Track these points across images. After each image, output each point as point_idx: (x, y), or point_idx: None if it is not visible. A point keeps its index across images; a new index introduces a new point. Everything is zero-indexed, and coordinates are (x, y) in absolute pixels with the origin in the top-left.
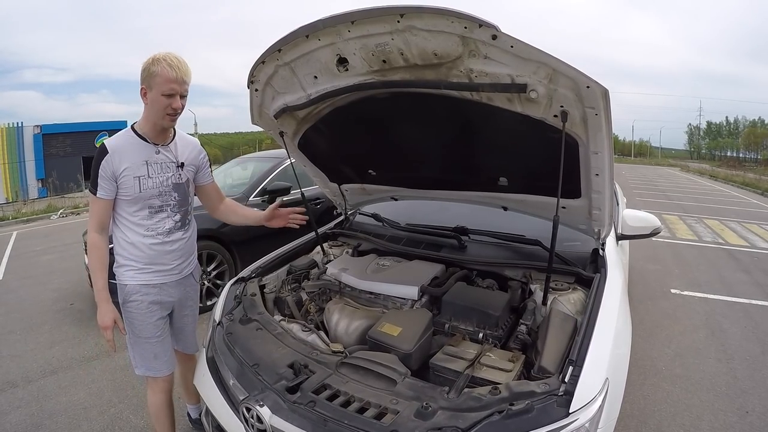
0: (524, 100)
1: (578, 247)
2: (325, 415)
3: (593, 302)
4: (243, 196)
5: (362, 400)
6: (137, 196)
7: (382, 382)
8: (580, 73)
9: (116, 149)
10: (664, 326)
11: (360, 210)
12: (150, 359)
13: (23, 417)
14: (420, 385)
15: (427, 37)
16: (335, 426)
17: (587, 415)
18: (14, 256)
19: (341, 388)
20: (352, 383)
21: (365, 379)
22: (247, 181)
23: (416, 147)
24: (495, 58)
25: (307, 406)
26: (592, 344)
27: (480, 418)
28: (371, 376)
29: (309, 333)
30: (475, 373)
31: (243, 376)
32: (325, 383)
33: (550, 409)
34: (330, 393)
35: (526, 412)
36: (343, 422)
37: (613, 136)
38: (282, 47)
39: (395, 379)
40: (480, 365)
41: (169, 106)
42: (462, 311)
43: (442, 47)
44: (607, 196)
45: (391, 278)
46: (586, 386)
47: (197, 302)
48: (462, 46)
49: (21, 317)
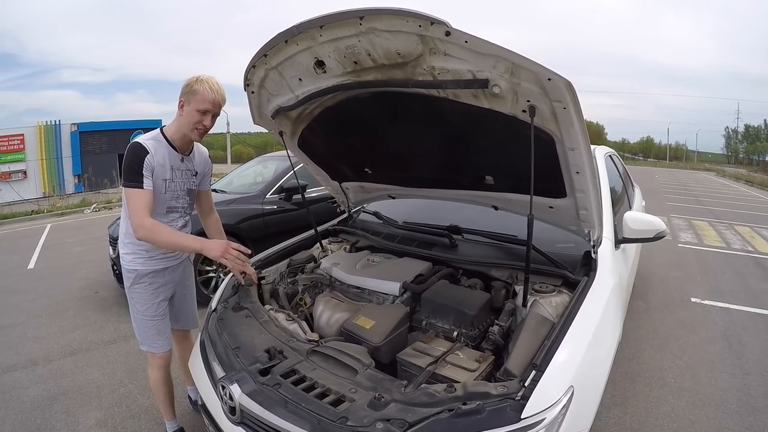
0: (489, 96)
1: (571, 250)
2: (286, 398)
3: (572, 306)
4: (260, 193)
5: (324, 386)
6: (161, 196)
7: (346, 371)
8: (539, 65)
9: (154, 151)
10: (678, 336)
11: (364, 208)
12: (153, 336)
13: (40, 392)
14: (380, 377)
15: (389, 38)
16: (294, 408)
17: (542, 422)
18: (46, 246)
19: (308, 374)
20: (320, 370)
21: (331, 367)
22: (265, 179)
23: (404, 146)
24: (454, 54)
25: (273, 387)
26: (560, 349)
27: (429, 414)
28: (337, 365)
29: (292, 322)
30: (438, 370)
31: (225, 357)
32: (294, 368)
33: (501, 412)
34: (297, 378)
35: (476, 412)
36: (301, 405)
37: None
38: (267, 52)
39: (357, 369)
40: (445, 363)
41: (200, 121)
42: (440, 309)
43: (404, 47)
44: (591, 195)
45: (376, 274)
46: (545, 392)
47: (194, 281)
48: (421, 44)
49: (48, 303)
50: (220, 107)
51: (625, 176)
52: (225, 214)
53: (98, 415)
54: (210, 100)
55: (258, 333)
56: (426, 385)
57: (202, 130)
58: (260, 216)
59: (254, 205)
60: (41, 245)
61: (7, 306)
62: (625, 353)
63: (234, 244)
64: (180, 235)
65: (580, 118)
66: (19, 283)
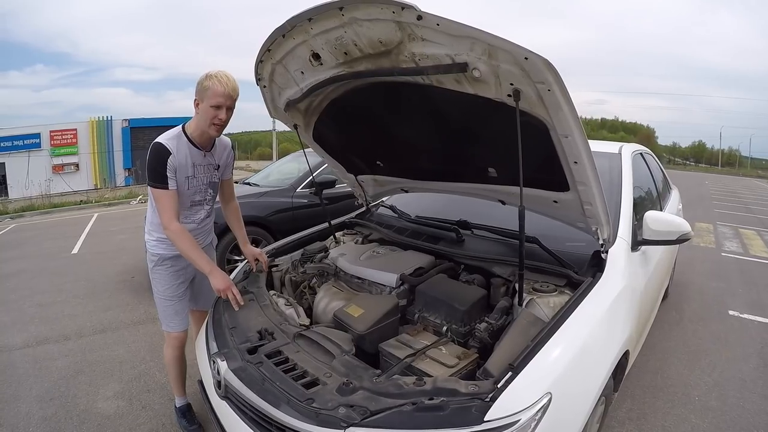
0: (471, 80)
1: (581, 249)
2: (265, 375)
3: (566, 307)
4: (291, 187)
5: (302, 368)
6: (184, 192)
7: (327, 356)
8: (515, 44)
9: (176, 151)
10: (710, 351)
11: (383, 203)
12: (171, 316)
13: (68, 363)
14: (355, 364)
15: (370, 27)
16: (269, 386)
17: (510, 427)
18: (91, 233)
19: (291, 356)
20: (303, 353)
21: (314, 351)
22: (297, 173)
23: (409, 137)
24: (430, 39)
25: (255, 365)
26: (542, 351)
27: (392, 405)
28: (320, 349)
29: (289, 307)
30: (416, 362)
31: (222, 335)
32: (279, 349)
33: (465, 411)
34: (280, 359)
35: (438, 408)
36: (275, 383)
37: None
38: (270, 47)
39: (335, 354)
40: (424, 356)
41: (216, 116)
42: (432, 302)
43: (384, 34)
44: (594, 188)
45: (377, 265)
46: (517, 395)
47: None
48: (399, 31)
49: (86, 285)
50: (233, 99)
51: (660, 176)
52: (256, 207)
53: (117, 388)
54: (221, 94)
55: (255, 315)
56: (398, 376)
57: (219, 125)
58: (290, 209)
59: (284, 198)
60: (87, 232)
61: (50, 286)
62: (649, 366)
63: (235, 289)
64: (198, 251)
65: (567, 101)
66: (63, 266)
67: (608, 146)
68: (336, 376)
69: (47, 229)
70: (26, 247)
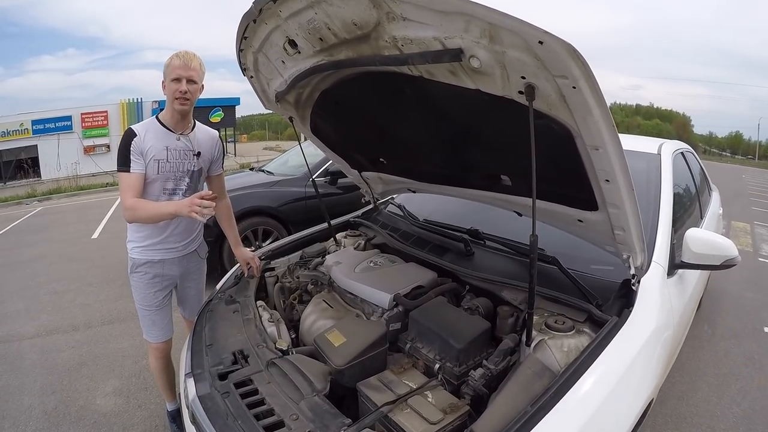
0: (470, 72)
1: (609, 274)
2: (229, 410)
3: (582, 359)
4: (304, 176)
5: (269, 405)
6: (154, 177)
7: (296, 392)
8: (525, 23)
9: (143, 133)
10: (741, 375)
11: (392, 200)
12: (148, 325)
13: (73, 356)
14: (324, 408)
15: (341, 5)
16: (231, 423)
17: None
18: (113, 218)
19: (260, 387)
20: (273, 385)
21: (284, 384)
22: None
23: (409, 135)
24: (413, 17)
25: (222, 395)
26: (543, 422)
27: None
28: (290, 383)
29: (272, 324)
30: (394, 413)
31: (198, 353)
32: (250, 378)
33: None
34: (248, 389)
35: None
36: (238, 422)
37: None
38: (246, 34)
39: (304, 393)
40: (405, 405)
41: (177, 90)
42: (426, 333)
43: (358, 14)
44: (629, 211)
45: (371, 281)
46: None
47: (202, 275)
48: (374, 9)
49: (101, 272)
50: (192, 70)
51: (701, 177)
52: (267, 197)
53: (116, 384)
54: (177, 66)
55: (235, 331)
56: (369, 430)
57: (181, 98)
58: (302, 199)
59: (297, 188)
60: (108, 216)
61: (67, 272)
62: (675, 390)
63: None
64: (158, 204)
65: (600, 103)
66: (81, 252)
67: (645, 143)
68: (302, 420)
69: (72, 212)
70: (49, 231)
